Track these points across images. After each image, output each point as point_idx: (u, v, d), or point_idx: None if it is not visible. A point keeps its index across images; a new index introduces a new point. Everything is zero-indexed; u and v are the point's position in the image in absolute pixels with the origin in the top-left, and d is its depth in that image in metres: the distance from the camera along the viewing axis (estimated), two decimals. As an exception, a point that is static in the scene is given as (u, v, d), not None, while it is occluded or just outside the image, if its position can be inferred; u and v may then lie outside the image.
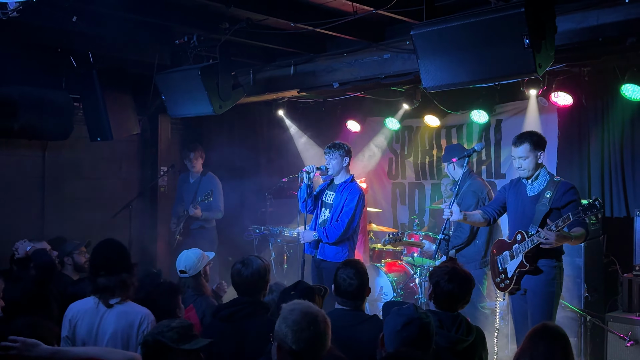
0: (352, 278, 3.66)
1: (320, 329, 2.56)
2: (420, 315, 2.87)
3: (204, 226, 7.33)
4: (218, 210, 7.38)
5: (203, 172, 7.47)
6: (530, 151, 4.54)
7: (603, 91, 6.37)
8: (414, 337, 2.79)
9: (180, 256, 4.64)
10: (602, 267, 5.95)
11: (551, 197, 4.42)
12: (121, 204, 6.89)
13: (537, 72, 3.84)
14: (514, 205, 4.74)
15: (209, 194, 6.94)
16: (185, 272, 4.53)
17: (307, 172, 5.51)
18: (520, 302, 4.65)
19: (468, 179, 5.52)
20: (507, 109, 7.43)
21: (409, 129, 8.60)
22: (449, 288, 3.39)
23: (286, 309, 2.62)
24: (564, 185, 4.48)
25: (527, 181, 4.63)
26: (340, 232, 5.43)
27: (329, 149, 5.63)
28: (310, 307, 2.63)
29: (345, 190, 5.58)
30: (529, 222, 4.50)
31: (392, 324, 2.85)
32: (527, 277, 4.53)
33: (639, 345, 4.90)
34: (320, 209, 5.73)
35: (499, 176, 7.60)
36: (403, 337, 2.77)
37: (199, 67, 5.48)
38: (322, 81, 6.32)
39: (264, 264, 3.86)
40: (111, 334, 3.43)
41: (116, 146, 7.37)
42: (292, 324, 2.54)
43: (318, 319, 2.57)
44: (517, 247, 4.53)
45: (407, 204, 8.80)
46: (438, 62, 4.30)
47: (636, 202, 6.25)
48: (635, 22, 4.25)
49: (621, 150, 6.40)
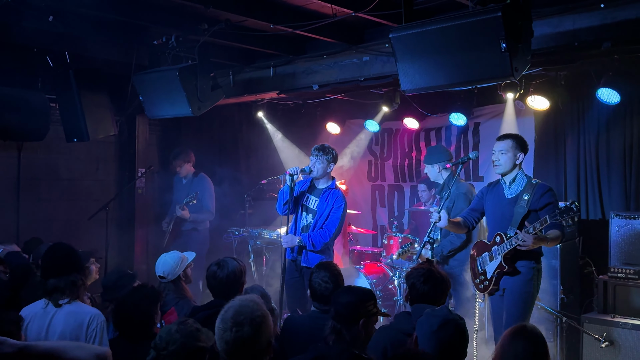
0: (327, 282, 3.67)
1: (244, 332, 2.45)
2: (455, 316, 2.84)
3: (196, 228, 7.30)
4: (208, 211, 7.35)
5: (195, 173, 7.45)
6: (511, 148, 4.59)
7: (579, 95, 6.46)
8: (451, 338, 2.76)
9: (158, 261, 4.59)
10: (577, 269, 6.02)
11: (529, 200, 4.46)
12: (98, 206, 6.81)
13: (513, 75, 3.87)
14: (492, 207, 4.77)
15: (194, 195, 6.90)
16: (164, 277, 4.49)
17: (290, 174, 5.34)
18: (498, 302, 4.68)
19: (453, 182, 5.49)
20: (485, 112, 7.50)
21: (389, 131, 8.64)
22: (424, 289, 3.42)
23: (227, 305, 2.57)
24: (541, 187, 4.52)
25: (505, 183, 4.67)
26: (327, 240, 5.37)
27: (318, 151, 5.43)
28: (247, 307, 2.52)
29: (330, 197, 5.46)
30: (507, 224, 4.53)
31: (428, 324, 2.81)
32: (505, 278, 4.57)
33: (614, 346, 4.96)
34: (301, 212, 5.60)
35: (477, 178, 7.66)
36: (440, 337, 2.74)
37: (178, 68, 5.44)
38: (302, 83, 6.32)
39: (240, 266, 3.84)
40: (60, 334, 3.44)
41: (93, 147, 7.28)
42: (219, 322, 2.51)
43: (245, 322, 2.47)
44: (495, 249, 4.56)
45: (387, 206, 8.83)
46: (416, 65, 4.32)
47: (611, 204, 6.35)
48: (611, 26, 4.31)
49: (597, 154, 6.50)
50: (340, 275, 3.76)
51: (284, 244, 5.44)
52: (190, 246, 6.56)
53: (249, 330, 2.47)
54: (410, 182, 8.49)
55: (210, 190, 7.40)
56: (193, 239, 7.20)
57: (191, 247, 6.36)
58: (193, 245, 6.83)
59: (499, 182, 4.76)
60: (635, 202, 6.20)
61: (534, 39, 4.07)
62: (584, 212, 6.55)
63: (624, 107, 6.11)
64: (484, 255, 4.69)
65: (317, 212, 5.47)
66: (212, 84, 5.77)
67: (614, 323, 5.03)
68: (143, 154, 7.65)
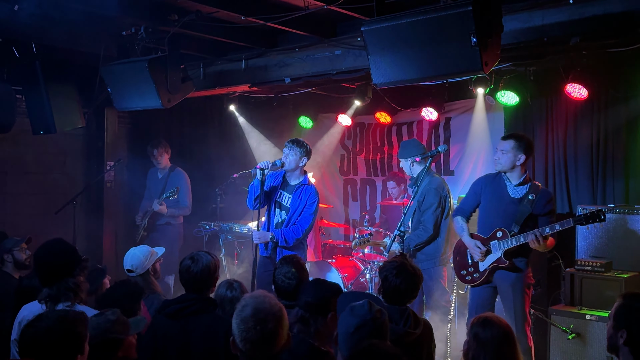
0: (290, 278, 3.68)
1: (269, 328, 2.45)
2: (374, 315, 2.83)
3: (170, 222, 7.21)
4: (185, 207, 7.28)
5: (171, 168, 7.35)
6: (512, 149, 4.70)
7: (548, 91, 6.53)
8: (366, 339, 2.72)
9: (127, 254, 4.53)
10: (545, 262, 6.10)
11: (533, 201, 4.62)
12: (65, 199, 6.69)
13: (483, 70, 3.90)
14: (492, 203, 4.86)
15: (175, 190, 6.81)
16: (132, 270, 4.43)
17: (261, 168, 5.26)
18: (483, 294, 4.80)
19: (427, 176, 5.47)
20: (456, 107, 7.56)
21: (361, 125, 8.65)
22: (396, 283, 3.43)
23: (241, 304, 2.53)
24: (546, 194, 4.74)
25: (509, 183, 4.77)
26: (299, 236, 5.34)
27: (291, 144, 5.41)
28: (264, 302, 2.52)
29: (304, 194, 5.42)
30: (510, 222, 4.66)
31: (345, 325, 2.81)
32: (502, 273, 4.69)
33: (581, 338, 5.04)
34: (274, 209, 5.54)
35: (447, 173, 7.72)
36: (355, 339, 2.74)
37: (147, 59, 5.35)
38: (274, 76, 6.28)
39: (214, 260, 3.78)
40: None
41: (60, 140, 7.14)
42: (240, 322, 2.47)
43: (267, 318, 2.46)
44: (495, 244, 4.67)
45: (359, 200, 8.85)
46: (388, 58, 4.32)
47: (578, 198, 6.45)
48: (579, 22, 4.38)
49: (564, 149, 6.59)
50: (305, 271, 3.75)
51: (255, 239, 5.34)
52: (164, 241, 6.50)
53: (272, 325, 2.46)
54: (382, 176, 8.51)
55: (188, 186, 7.33)
56: (167, 233, 7.12)
57: (165, 241, 6.31)
58: (167, 239, 6.77)
59: (501, 178, 4.84)
60: (602, 196, 6.30)
61: (504, 34, 4.10)
62: (552, 206, 6.65)
63: (591, 103, 6.21)
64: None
65: (290, 209, 5.43)
66: (182, 76, 5.70)
67: (580, 315, 5.10)
68: (112, 146, 7.53)
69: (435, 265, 5.46)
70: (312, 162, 8.48)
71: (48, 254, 3.60)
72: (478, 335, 2.83)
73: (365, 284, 6.73)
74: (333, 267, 6.86)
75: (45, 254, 3.61)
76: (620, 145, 6.25)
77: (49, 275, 3.49)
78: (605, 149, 6.32)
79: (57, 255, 3.58)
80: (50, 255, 3.58)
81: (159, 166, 7.35)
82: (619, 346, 2.64)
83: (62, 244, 3.69)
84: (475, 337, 2.85)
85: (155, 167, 7.44)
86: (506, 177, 4.80)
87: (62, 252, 3.62)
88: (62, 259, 3.56)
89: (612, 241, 5.59)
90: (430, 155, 5.13)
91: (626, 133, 6.22)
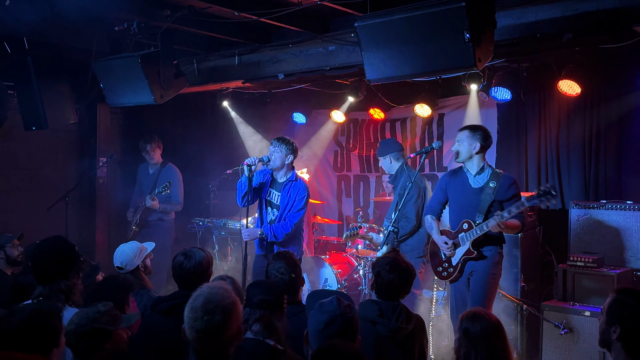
0: (282, 273, 3.66)
1: (215, 320, 2.42)
2: (343, 310, 2.81)
3: (162, 218, 7.18)
4: (177, 202, 7.25)
5: (163, 163, 7.30)
6: (466, 138, 4.71)
7: (540, 87, 6.55)
8: (336, 336, 2.74)
9: (116, 252, 4.52)
10: (538, 258, 6.13)
11: (495, 188, 4.60)
12: (58, 196, 6.66)
13: (476, 66, 3.91)
14: (457, 196, 4.85)
15: (167, 185, 6.77)
16: (122, 268, 4.42)
17: (248, 164, 5.23)
18: (461, 288, 4.78)
19: (405, 171, 5.60)
20: (449, 103, 7.56)
21: (354, 121, 8.65)
22: (389, 278, 3.44)
23: (196, 292, 2.52)
24: (507, 179, 4.67)
25: (470, 174, 4.76)
26: (288, 231, 5.33)
27: (276, 141, 5.41)
28: (217, 294, 2.49)
29: (292, 190, 5.42)
30: (474, 212, 4.65)
31: (315, 322, 2.80)
32: (471, 263, 4.70)
33: (573, 333, 5.07)
34: (266, 207, 5.53)
35: (441, 169, 7.73)
36: (326, 335, 2.73)
37: (140, 55, 5.33)
38: (267, 72, 6.27)
39: (207, 256, 3.78)
40: None
41: (53, 136, 7.12)
42: (189, 311, 2.46)
43: (216, 310, 2.43)
44: (463, 236, 4.67)
45: (352, 196, 8.85)
46: (381, 54, 4.33)
47: (571, 195, 6.47)
48: (572, 18, 4.39)
49: (557, 145, 6.61)
50: (298, 267, 3.75)
51: (245, 237, 5.32)
52: (156, 236, 6.46)
53: (220, 317, 2.43)
54: (376, 172, 8.52)
55: (180, 181, 7.30)
56: (159, 229, 7.09)
57: (157, 237, 6.27)
58: (159, 235, 6.75)
59: (462, 171, 4.84)
60: (595, 192, 6.33)
61: (497, 30, 4.11)
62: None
63: (584, 99, 6.22)
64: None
65: (280, 207, 5.43)
66: (175, 71, 5.68)
67: (573, 310, 5.13)
68: (104, 142, 7.49)
69: (417, 255, 5.52)
70: (305, 158, 8.51)
71: (44, 253, 3.56)
72: (468, 331, 2.85)
73: (359, 279, 6.73)
74: (327, 263, 6.87)
75: (42, 252, 3.58)
76: (613, 141, 6.27)
77: (42, 274, 3.47)
78: (598, 145, 6.35)
79: (53, 256, 3.54)
80: (46, 255, 3.54)
81: (151, 161, 7.32)
82: (611, 341, 2.65)
83: (60, 244, 3.64)
84: (465, 332, 2.86)
85: (147, 163, 7.40)
86: (466, 168, 4.80)
87: (58, 252, 3.57)
88: (57, 259, 3.52)
89: (604, 237, 5.61)
90: (425, 152, 5.15)
91: (618, 129, 6.24)
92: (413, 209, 5.56)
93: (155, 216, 7.14)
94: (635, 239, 5.47)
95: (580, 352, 5.01)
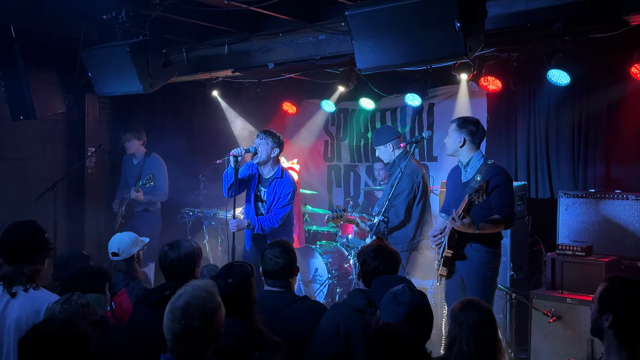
0: (277, 257, 3.61)
1: (193, 325, 2.39)
2: (420, 299, 2.81)
3: (147, 209, 7.11)
4: (162, 192, 7.17)
5: (147, 154, 7.21)
6: (454, 130, 4.63)
7: (530, 76, 6.57)
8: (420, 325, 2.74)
9: (113, 238, 4.49)
10: (527, 247, 6.17)
11: (480, 181, 4.40)
12: (46, 186, 6.60)
13: (467, 55, 3.91)
14: (451, 191, 4.80)
15: (151, 177, 6.70)
16: (117, 254, 4.38)
17: (234, 155, 5.19)
18: (454, 286, 4.67)
19: (403, 160, 5.46)
20: (439, 93, 7.57)
21: (345, 111, 8.64)
22: (374, 265, 3.45)
23: (179, 291, 2.49)
24: (492, 169, 4.47)
25: (462, 167, 4.68)
26: (275, 225, 5.33)
27: (262, 133, 5.38)
28: (199, 297, 2.45)
29: (277, 186, 5.39)
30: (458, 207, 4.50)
31: (394, 314, 2.76)
32: (460, 264, 4.53)
33: (561, 321, 5.11)
34: (256, 203, 5.54)
35: (431, 159, 7.76)
36: (409, 326, 2.70)
37: (128, 44, 5.28)
38: (257, 61, 6.23)
39: (193, 247, 3.74)
40: (15, 320, 3.33)
41: (41, 125, 7.04)
42: (168, 311, 2.44)
43: (195, 315, 2.40)
44: (446, 231, 4.58)
45: (343, 186, 8.86)
46: (372, 43, 4.31)
47: (560, 184, 6.52)
48: (562, 7, 4.39)
49: (546, 134, 6.65)
50: (293, 253, 3.73)
51: (232, 227, 5.26)
52: (142, 227, 6.44)
53: (198, 323, 2.41)
54: (366, 162, 8.53)
55: (164, 171, 7.24)
56: (145, 220, 7.03)
57: (143, 228, 6.25)
58: (145, 226, 6.71)
59: (458, 165, 4.77)
60: (583, 182, 6.38)
61: (488, 19, 4.10)
62: (534, 191, 6.72)
63: (573, 89, 6.25)
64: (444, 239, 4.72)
65: (267, 202, 5.44)
66: (164, 60, 5.64)
67: (561, 299, 5.16)
68: (93, 132, 7.43)
69: (402, 249, 5.44)
70: (296, 150, 8.50)
71: (13, 235, 3.58)
72: (457, 319, 2.87)
73: (349, 269, 6.76)
74: (317, 253, 6.88)
75: (10, 234, 3.60)
76: (602, 131, 6.32)
77: (9, 255, 3.50)
78: (587, 134, 6.39)
79: (20, 239, 3.55)
80: (14, 237, 3.56)
81: (129, 152, 7.19)
82: (603, 329, 2.66)
83: (29, 228, 3.63)
84: (455, 320, 2.88)
85: (130, 155, 7.29)
86: (460, 162, 4.70)
87: (25, 236, 3.57)
88: (24, 243, 3.53)
89: (592, 226, 5.66)
90: (415, 142, 5.13)
91: (607, 119, 6.29)
92: (403, 204, 5.44)
93: (140, 207, 7.08)
94: (623, 228, 5.52)
95: (568, 340, 5.06)
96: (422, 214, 5.60)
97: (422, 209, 5.57)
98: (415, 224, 5.54)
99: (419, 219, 5.57)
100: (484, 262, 4.49)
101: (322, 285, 6.75)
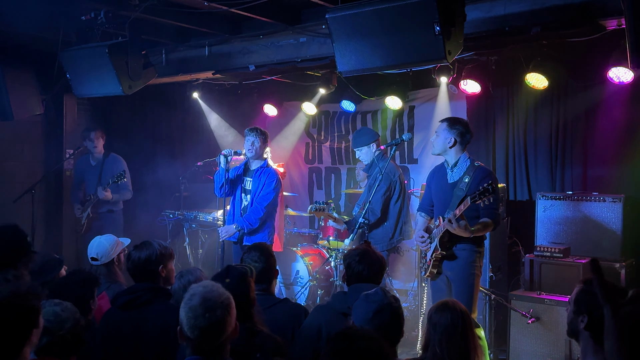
0: (256, 261, 3.63)
1: (218, 316, 2.48)
2: (390, 300, 2.84)
3: (112, 209, 7.01)
4: (128, 190, 7.08)
5: (105, 154, 7.08)
6: (443, 131, 4.64)
7: (509, 80, 6.63)
8: (387, 324, 2.77)
9: (92, 243, 4.42)
10: (505, 248, 6.23)
11: (468, 183, 4.46)
12: (24, 188, 6.52)
13: (446, 58, 3.94)
14: (436, 191, 4.78)
15: (122, 174, 6.62)
16: (97, 259, 4.33)
17: (224, 155, 5.48)
18: (440, 287, 4.68)
19: (381, 161, 5.52)
20: (420, 95, 7.62)
21: (326, 113, 8.65)
22: (359, 269, 3.46)
23: (188, 293, 2.55)
24: (481, 171, 4.52)
25: (448, 167, 4.68)
26: (260, 214, 5.49)
27: (250, 131, 5.69)
28: (213, 291, 2.54)
29: (263, 175, 5.66)
30: (446, 208, 4.55)
31: (363, 312, 2.81)
32: (447, 263, 4.56)
33: (540, 322, 5.16)
34: (241, 194, 5.77)
35: (411, 161, 7.80)
36: (375, 325, 2.75)
37: (107, 45, 5.26)
38: (238, 63, 6.22)
39: (159, 249, 3.69)
40: None
41: (18, 127, 6.95)
42: (188, 310, 2.49)
43: (216, 306, 2.49)
44: (435, 232, 4.60)
45: (324, 188, 8.86)
46: (352, 46, 4.33)
47: (538, 186, 6.58)
48: (540, 12, 4.45)
49: (525, 137, 6.72)
50: (272, 257, 3.74)
51: (222, 236, 5.46)
52: (107, 228, 6.29)
53: (221, 313, 2.49)
54: (347, 164, 8.54)
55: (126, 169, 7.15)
56: (110, 220, 6.92)
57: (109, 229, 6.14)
58: (111, 227, 6.54)
59: (443, 165, 4.78)
60: (561, 183, 6.45)
61: (467, 23, 4.14)
62: (512, 193, 6.77)
63: (551, 92, 6.33)
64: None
65: (251, 191, 5.63)
66: (144, 62, 5.61)
67: (540, 300, 5.21)
68: (71, 134, 7.35)
69: (382, 249, 5.47)
70: (277, 152, 8.48)
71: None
72: (432, 320, 2.89)
73: (330, 271, 6.75)
74: (298, 255, 6.88)
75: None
76: (579, 134, 6.40)
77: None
78: (565, 137, 6.47)
79: (2, 244, 3.51)
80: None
81: (95, 150, 7.01)
82: (579, 331, 2.67)
83: (11, 233, 3.60)
84: (430, 321, 2.90)
85: (87, 155, 7.12)
86: (446, 162, 4.71)
87: (8, 241, 3.53)
88: (6, 248, 3.49)
89: (570, 227, 5.73)
90: (395, 144, 5.16)
91: (584, 122, 6.37)
92: (380, 202, 5.48)
93: (105, 208, 6.94)
94: (600, 229, 5.60)
95: (547, 341, 5.11)
96: (400, 212, 5.63)
97: (400, 208, 5.61)
98: (394, 223, 5.58)
99: (397, 218, 5.61)
100: (470, 260, 4.54)
101: (303, 288, 6.75)
